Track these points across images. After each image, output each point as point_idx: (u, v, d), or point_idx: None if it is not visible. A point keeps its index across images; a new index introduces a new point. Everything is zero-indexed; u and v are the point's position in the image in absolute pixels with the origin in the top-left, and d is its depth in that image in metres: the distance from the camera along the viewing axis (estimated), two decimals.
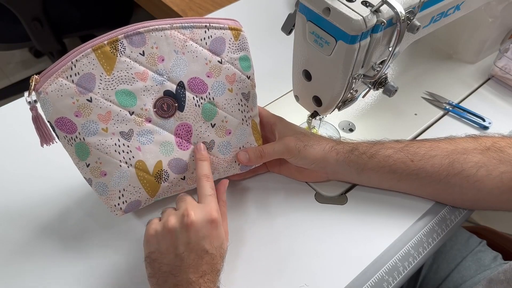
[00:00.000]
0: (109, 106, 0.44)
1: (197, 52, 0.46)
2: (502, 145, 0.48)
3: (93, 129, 0.44)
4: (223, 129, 0.49)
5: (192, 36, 0.46)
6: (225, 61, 0.48)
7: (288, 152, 0.50)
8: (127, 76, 0.44)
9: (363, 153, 0.50)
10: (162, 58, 0.45)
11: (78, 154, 0.44)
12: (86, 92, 0.43)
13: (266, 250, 0.49)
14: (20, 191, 0.55)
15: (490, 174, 0.47)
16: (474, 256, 0.65)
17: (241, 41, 0.48)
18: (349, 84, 0.48)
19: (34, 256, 0.49)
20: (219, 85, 0.48)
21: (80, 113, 0.43)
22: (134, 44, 0.43)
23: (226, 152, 0.50)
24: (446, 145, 0.49)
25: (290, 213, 0.53)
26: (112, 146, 0.45)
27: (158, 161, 0.47)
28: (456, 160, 0.48)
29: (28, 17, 1.16)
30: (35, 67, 1.74)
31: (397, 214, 0.52)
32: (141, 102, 0.45)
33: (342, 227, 0.51)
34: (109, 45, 0.43)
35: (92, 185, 0.46)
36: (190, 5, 0.93)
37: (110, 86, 0.43)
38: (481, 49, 0.71)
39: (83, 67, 0.42)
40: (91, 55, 0.42)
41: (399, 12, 0.41)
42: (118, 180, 0.46)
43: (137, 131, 0.45)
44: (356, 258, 0.48)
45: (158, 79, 0.45)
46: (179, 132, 0.48)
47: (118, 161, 0.45)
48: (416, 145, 0.50)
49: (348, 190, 0.55)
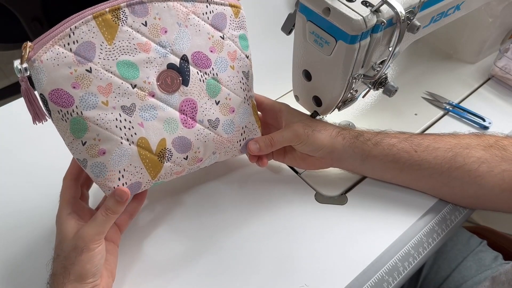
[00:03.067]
0: (110, 77, 0.41)
1: (200, 26, 0.45)
2: (505, 143, 0.48)
3: (92, 102, 0.40)
4: (227, 107, 0.48)
5: (194, 10, 0.44)
6: (227, 37, 0.47)
7: (297, 138, 0.50)
8: (129, 46, 0.41)
9: (368, 140, 0.50)
10: (165, 29, 0.43)
11: (73, 130, 0.41)
12: (86, 62, 0.40)
13: (265, 250, 0.49)
14: (20, 191, 0.55)
15: (492, 171, 0.47)
16: (475, 256, 0.65)
17: (240, 19, 0.48)
18: (349, 84, 0.48)
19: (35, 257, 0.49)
20: (222, 61, 0.47)
21: (78, 84, 0.39)
22: (136, 13, 0.41)
23: (229, 131, 0.49)
24: (450, 139, 0.50)
25: (290, 213, 0.53)
26: (113, 121, 0.41)
27: (162, 139, 0.44)
28: (459, 154, 0.48)
29: (28, 17, 1.16)
30: None
31: (397, 214, 0.52)
32: (144, 75, 0.42)
33: (342, 227, 0.51)
34: (111, 13, 0.40)
35: (87, 166, 0.42)
36: None
37: (111, 56, 0.41)
38: (481, 49, 0.71)
39: (83, 35, 0.39)
40: (91, 22, 0.39)
41: (399, 12, 0.41)
42: (119, 158, 0.42)
43: (140, 105, 0.43)
44: (356, 258, 0.48)
45: (161, 51, 0.43)
46: (184, 109, 0.45)
47: (119, 137, 0.42)
48: (420, 137, 0.51)
49: (348, 190, 0.55)
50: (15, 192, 0.55)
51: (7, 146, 0.60)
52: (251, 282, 0.47)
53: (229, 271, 0.48)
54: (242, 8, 0.48)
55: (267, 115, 0.55)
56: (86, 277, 0.40)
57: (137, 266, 0.48)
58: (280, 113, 0.53)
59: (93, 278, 0.41)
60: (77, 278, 0.40)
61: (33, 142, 0.60)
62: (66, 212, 0.42)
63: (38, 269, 0.47)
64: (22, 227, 0.52)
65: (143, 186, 0.45)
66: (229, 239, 0.50)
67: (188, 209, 0.53)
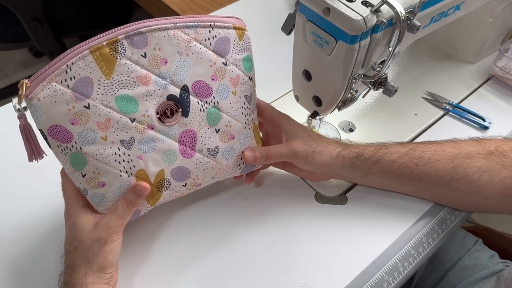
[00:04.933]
0: (108, 113, 0.40)
1: (202, 54, 0.43)
2: (505, 149, 0.48)
3: (91, 138, 0.40)
4: (227, 134, 0.47)
5: (196, 36, 0.43)
6: (230, 63, 0.46)
7: (295, 157, 0.49)
8: (128, 80, 0.40)
9: (368, 159, 0.49)
10: (165, 60, 0.42)
11: (73, 163, 0.41)
12: (83, 98, 0.39)
13: (266, 250, 0.49)
14: (20, 191, 0.55)
15: (493, 179, 0.47)
16: (471, 256, 0.64)
17: (245, 41, 0.46)
18: (349, 84, 0.48)
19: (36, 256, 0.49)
20: (223, 88, 0.46)
21: (76, 120, 0.39)
22: (135, 45, 0.40)
23: (229, 158, 0.49)
24: (450, 149, 0.49)
25: (290, 213, 0.53)
26: (112, 156, 0.41)
27: (160, 170, 0.44)
28: (460, 165, 0.48)
29: (28, 17, 1.16)
30: (35, 67, 1.74)
31: (397, 214, 0.52)
32: (143, 108, 0.42)
33: (342, 227, 0.51)
34: (108, 46, 0.39)
35: (87, 195, 0.43)
36: (190, 5, 0.94)
37: (110, 91, 0.40)
38: (481, 49, 0.71)
39: (80, 71, 0.38)
40: (88, 57, 0.38)
41: (399, 12, 0.41)
42: (118, 190, 0.43)
43: (139, 139, 0.42)
44: (356, 258, 0.48)
45: (161, 83, 0.42)
46: (183, 139, 0.45)
47: (118, 171, 0.42)
48: (421, 149, 0.50)
49: (348, 190, 0.55)
50: (16, 191, 0.55)
51: (7, 146, 0.60)
52: (251, 282, 0.47)
53: (229, 271, 0.48)
54: (247, 30, 0.46)
55: (267, 123, 0.55)
56: (108, 267, 0.42)
57: (143, 265, 0.48)
58: (280, 126, 0.52)
59: (111, 268, 0.43)
60: (100, 268, 0.41)
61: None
62: (79, 206, 0.43)
63: (39, 269, 0.47)
64: (22, 227, 0.52)
65: (142, 212, 0.46)
66: (229, 239, 0.50)
67: (188, 209, 0.53)
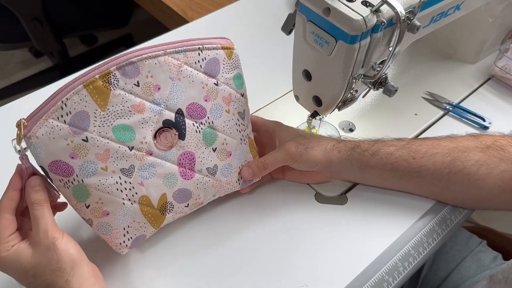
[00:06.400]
0: (107, 143, 0.41)
1: (193, 76, 0.45)
2: (503, 143, 0.48)
3: (91, 170, 0.41)
4: (224, 152, 0.48)
5: (186, 60, 0.44)
6: (221, 83, 0.47)
7: (290, 158, 0.50)
8: (123, 109, 0.41)
9: (365, 151, 0.50)
10: (158, 86, 0.43)
11: (76, 196, 0.41)
12: (81, 132, 0.40)
13: (266, 250, 0.49)
14: None
15: (491, 173, 0.47)
16: (474, 256, 0.65)
17: (234, 59, 0.47)
18: (349, 84, 0.48)
19: None
20: (217, 108, 0.47)
21: (76, 154, 0.40)
22: (127, 75, 0.41)
23: (228, 174, 0.49)
24: (447, 143, 0.49)
25: (290, 213, 0.53)
26: (114, 185, 0.42)
27: (163, 194, 0.45)
28: (457, 158, 0.48)
29: (28, 17, 1.16)
30: (35, 67, 1.74)
31: (397, 214, 0.52)
32: (140, 136, 0.43)
33: (342, 227, 0.51)
34: (101, 79, 0.39)
35: (93, 225, 0.43)
36: (190, 5, 0.94)
37: (106, 123, 0.41)
38: (481, 49, 0.71)
39: (75, 105, 0.39)
40: (82, 91, 0.39)
41: (399, 12, 0.41)
42: (122, 217, 0.44)
43: (139, 166, 0.43)
44: (356, 258, 0.48)
45: (156, 109, 0.43)
46: (182, 162, 0.46)
47: (121, 199, 0.43)
48: (417, 143, 0.50)
49: (348, 190, 0.55)
50: None
51: (7, 146, 0.60)
52: (251, 282, 0.47)
53: (228, 271, 0.48)
54: (235, 48, 0.47)
55: (261, 135, 0.55)
56: (80, 260, 0.40)
57: (141, 264, 0.48)
58: (274, 133, 0.53)
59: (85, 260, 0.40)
60: (74, 266, 0.39)
61: None
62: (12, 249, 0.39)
63: None
64: None
65: (148, 236, 0.47)
66: (229, 239, 0.50)
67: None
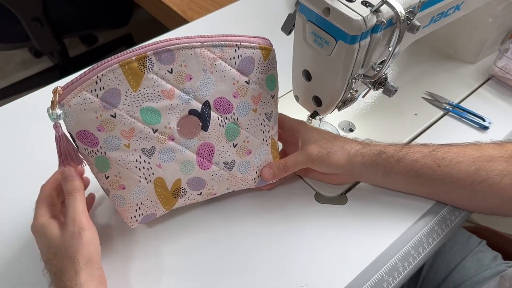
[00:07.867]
0: (133, 122, 0.43)
1: (226, 72, 0.45)
2: None
3: (115, 145, 0.43)
4: (244, 149, 0.49)
5: (221, 55, 0.44)
6: (252, 82, 0.47)
7: (311, 162, 0.50)
8: (153, 93, 0.43)
9: (391, 157, 0.49)
10: (190, 76, 0.44)
11: (98, 166, 0.44)
12: (111, 108, 0.42)
13: (266, 250, 0.49)
14: (20, 191, 0.55)
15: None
16: (474, 256, 0.65)
17: (270, 60, 0.47)
18: (349, 84, 0.48)
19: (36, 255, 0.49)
20: (244, 106, 0.47)
21: (103, 127, 0.42)
22: (162, 61, 0.42)
23: (244, 171, 0.50)
24: (473, 152, 0.49)
25: (290, 213, 0.53)
26: (133, 162, 0.44)
27: (177, 179, 0.47)
28: (482, 168, 0.47)
29: (28, 17, 1.16)
30: (35, 67, 1.74)
31: (397, 214, 0.52)
32: (166, 120, 0.44)
33: (342, 227, 0.51)
34: (137, 61, 0.41)
35: (109, 195, 0.46)
36: (190, 5, 0.94)
37: (136, 103, 0.43)
38: (481, 49, 0.71)
39: (109, 82, 0.41)
40: (117, 70, 0.41)
41: (399, 12, 0.41)
42: (136, 194, 0.46)
43: (159, 148, 0.45)
44: (356, 258, 0.48)
45: (184, 98, 0.44)
46: (201, 152, 0.47)
47: (138, 177, 0.45)
48: (443, 150, 0.50)
49: (348, 190, 0.55)
50: (15, 192, 0.55)
51: (7, 146, 0.61)
52: (251, 282, 0.47)
53: (228, 271, 0.48)
54: (272, 49, 0.47)
55: (286, 132, 0.55)
56: (94, 260, 0.42)
57: (140, 264, 0.48)
58: (297, 133, 0.53)
59: (98, 262, 0.43)
60: (88, 262, 0.41)
61: (33, 142, 0.60)
62: (46, 218, 0.44)
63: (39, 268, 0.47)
64: (22, 227, 0.51)
65: (158, 215, 0.49)
66: (229, 239, 0.50)
67: (186, 208, 0.53)
